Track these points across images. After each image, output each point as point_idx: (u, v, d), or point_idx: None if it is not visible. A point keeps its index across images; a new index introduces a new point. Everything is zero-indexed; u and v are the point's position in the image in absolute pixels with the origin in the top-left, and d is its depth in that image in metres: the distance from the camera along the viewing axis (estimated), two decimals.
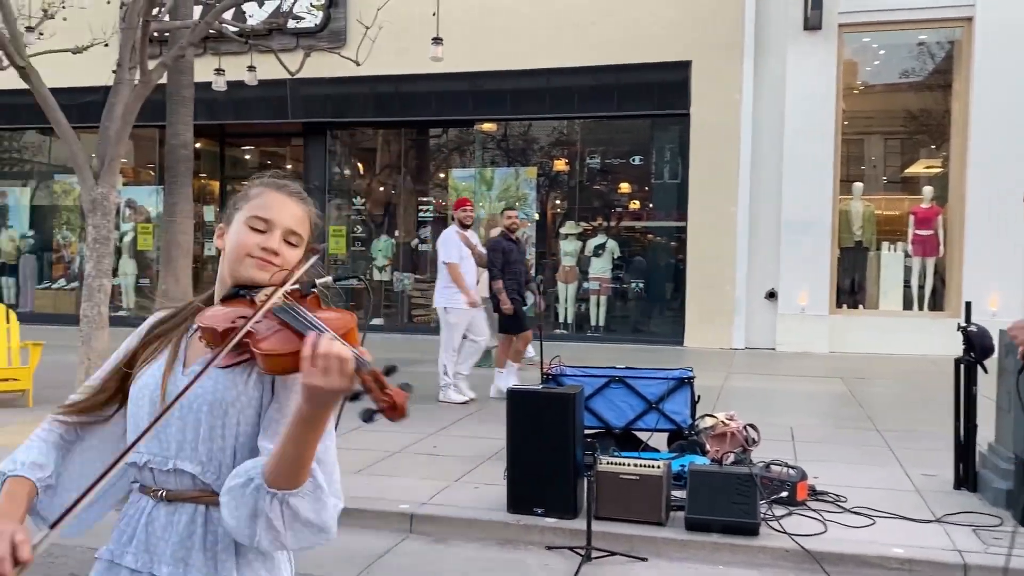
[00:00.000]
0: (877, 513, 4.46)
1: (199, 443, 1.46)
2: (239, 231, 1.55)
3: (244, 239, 1.54)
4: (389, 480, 5.07)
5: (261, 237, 1.54)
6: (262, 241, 1.54)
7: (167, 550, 1.47)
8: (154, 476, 1.48)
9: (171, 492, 1.48)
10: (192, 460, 1.47)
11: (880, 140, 14.46)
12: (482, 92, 13.58)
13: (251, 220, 1.55)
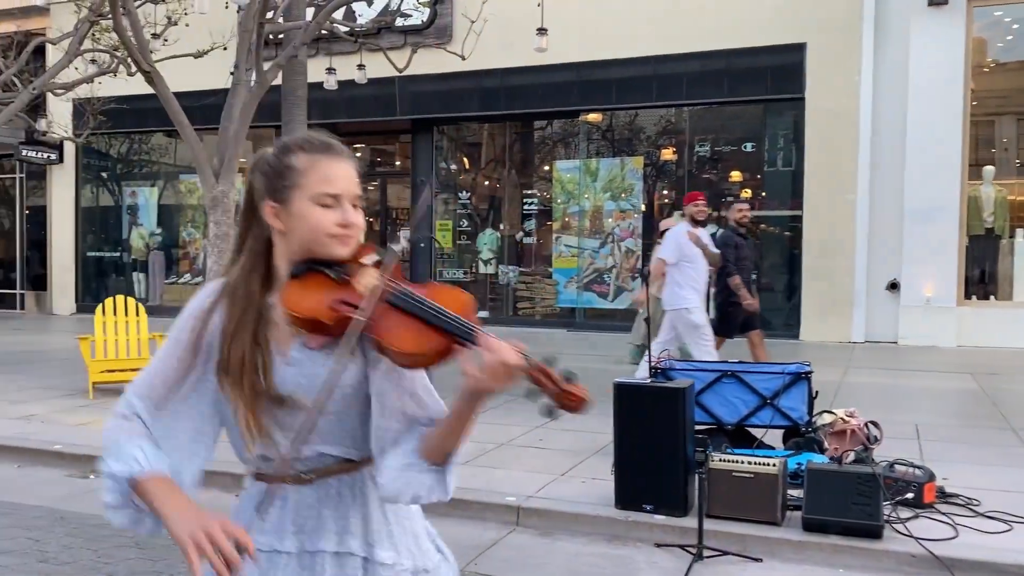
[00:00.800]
0: (1015, 518, 4.15)
1: (335, 426, 1.51)
2: (307, 211, 1.48)
3: (319, 219, 1.48)
4: (495, 472, 5.07)
5: (335, 214, 1.49)
6: (337, 218, 1.49)
7: (326, 523, 1.53)
8: (290, 463, 1.50)
9: (318, 470, 1.53)
10: (332, 443, 1.53)
11: (1013, 120, 13.52)
12: (587, 82, 13.47)
13: (319, 197, 1.48)
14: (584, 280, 13.97)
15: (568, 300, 14.12)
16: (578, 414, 1.39)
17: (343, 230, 1.49)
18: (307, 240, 1.50)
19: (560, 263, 14.17)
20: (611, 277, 13.87)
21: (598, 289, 13.94)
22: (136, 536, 4.23)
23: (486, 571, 3.84)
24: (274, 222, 1.51)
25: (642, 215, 13.77)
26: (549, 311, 14.38)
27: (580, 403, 1.38)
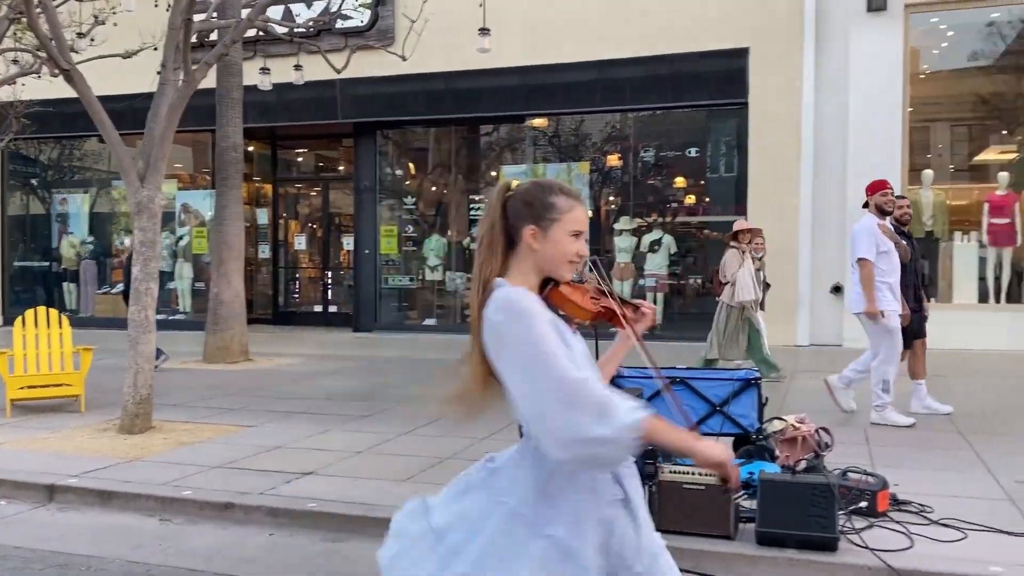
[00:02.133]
0: (969, 526, 4.07)
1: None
2: (562, 240, 1.97)
3: (568, 247, 1.97)
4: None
5: (578, 244, 1.99)
6: (579, 248, 2.00)
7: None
8: None
9: None
10: None
11: (948, 127, 13.77)
12: (533, 86, 13.33)
13: (574, 231, 1.98)
14: None
15: None
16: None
17: (578, 257, 2.01)
18: (554, 260, 1.98)
19: None
20: None
21: None
22: (50, 564, 3.90)
23: None
24: (531, 242, 1.97)
25: (589, 221, 13.65)
26: None
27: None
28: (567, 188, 2.02)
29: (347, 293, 15.68)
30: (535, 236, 1.95)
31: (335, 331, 14.56)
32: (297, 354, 11.11)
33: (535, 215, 1.96)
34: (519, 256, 1.97)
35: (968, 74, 12.82)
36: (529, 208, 1.97)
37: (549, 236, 1.95)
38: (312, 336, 13.89)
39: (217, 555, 4.11)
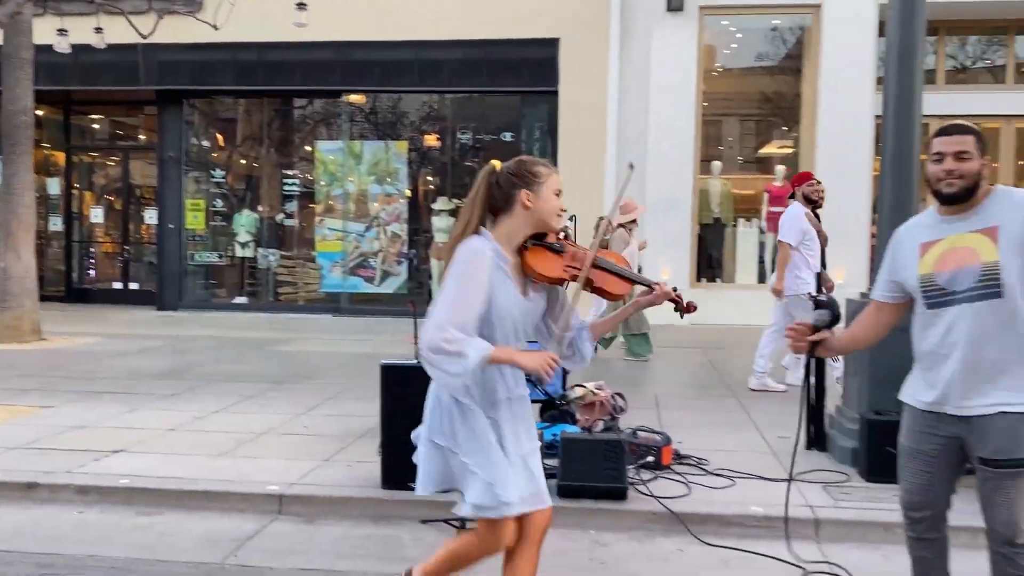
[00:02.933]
0: (737, 474, 4.69)
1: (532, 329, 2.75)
2: (549, 198, 2.62)
3: (555, 202, 2.64)
4: (256, 462, 4.90)
5: (560, 200, 2.66)
6: (560, 204, 2.66)
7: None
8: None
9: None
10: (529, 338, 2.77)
11: (737, 121, 15.07)
12: (350, 62, 13.26)
13: (556, 190, 2.65)
14: (350, 264, 13.80)
15: (333, 285, 13.87)
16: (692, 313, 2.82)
17: (562, 211, 2.67)
18: (546, 214, 2.62)
19: (324, 247, 13.88)
20: (377, 261, 13.81)
21: (364, 273, 13.83)
22: None
23: (246, 562, 3.70)
24: (527, 203, 2.59)
25: (407, 200, 13.82)
26: (313, 296, 14.06)
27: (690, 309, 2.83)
28: (542, 161, 2.68)
29: (149, 270, 14.93)
30: (529, 198, 2.58)
31: (136, 310, 13.85)
32: (96, 333, 10.53)
33: (526, 182, 2.59)
34: (513, 217, 2.60)
35: (753, 74, 14.10)
36: (520, 178, 2.60)
37: (540, 196, 2.59)
38: (111, 314, 13.15)
39: (21, 535, 3.98)
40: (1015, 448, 2.64)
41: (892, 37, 5.04)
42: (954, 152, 2.71)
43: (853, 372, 5.13)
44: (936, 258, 2.74)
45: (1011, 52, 13.08)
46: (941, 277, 2.71)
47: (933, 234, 2.79)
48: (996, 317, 2.66)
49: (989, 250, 2.67)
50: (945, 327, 2.71)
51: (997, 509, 2.70)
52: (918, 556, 2.94)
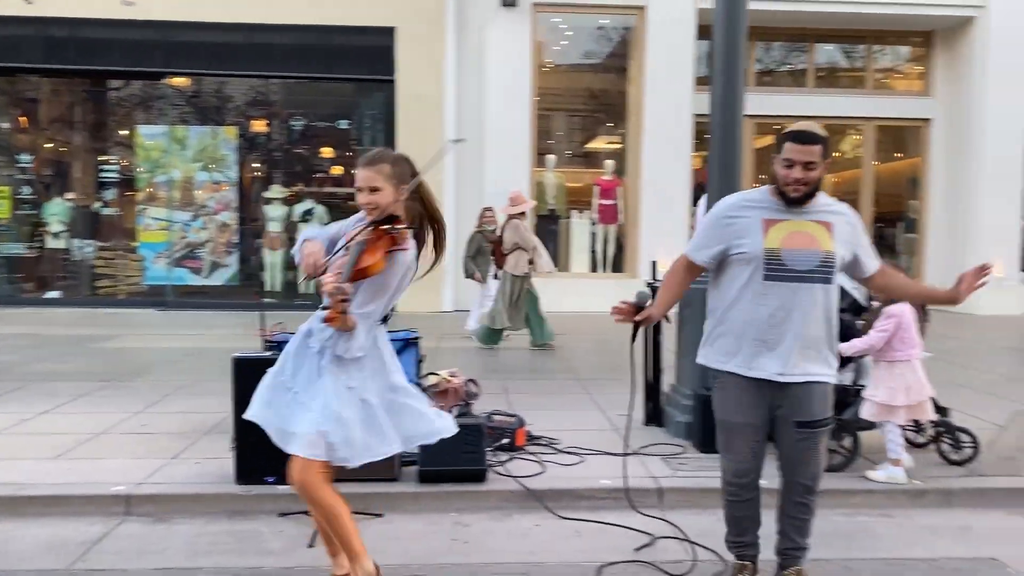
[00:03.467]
0: (585, 451, 4.95)
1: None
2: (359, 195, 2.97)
3: (360, 199, 2.96)
4: (97, 463, 4.64)
5: (360, 195, 2.96)
6: (360, 199, 2.96)
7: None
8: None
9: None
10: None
11: (567, 116, 15.59)
12: (174, 43, 12.60)
13: (357, 187, 2.96)
14: (175, 255, 13.14)
15: (157, 277, 13.17)
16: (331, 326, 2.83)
17: (365, 205, 2.95)
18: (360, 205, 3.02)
19: (147, 237, 13.15)
20: (205, 252, 13.24)
21: (191, 265, 13.22)
22: None
23: (95, 566, 3.53)
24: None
25: (237, 188, 13.33)
26: (135, 289, 13.28)
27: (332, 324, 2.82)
28: (365, 157, 2.99)
29: None
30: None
31: None
32: None
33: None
34: None
35: (583, 70, 14.63)
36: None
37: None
38: None
39: None
40: (824, 411, 3.12)
41: (718, 41, 5.45)
42: (803, 162, 3.03)
43: (684, 354, 5.52)
44: (782, 235, 3.06)
45: (811, 58, 14.36)
46: (786, 253, 3.03)
47: (775, 214, 3.10)
48: (823, 299, 3.03)
49: (827, 240, 3.05)
50: (779, 300, 3.04)
51: (807, 465, 3.12)
52: (741, 515, 3.29)
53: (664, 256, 12.15)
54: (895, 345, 4.44)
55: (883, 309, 4.50)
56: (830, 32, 14.16)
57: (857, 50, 14.62)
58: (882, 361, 4.51)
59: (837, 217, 3.13)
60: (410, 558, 3.66)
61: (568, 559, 3.65)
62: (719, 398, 3.25)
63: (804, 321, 3.04)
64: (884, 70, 14.83)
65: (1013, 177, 13.48)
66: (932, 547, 3.85)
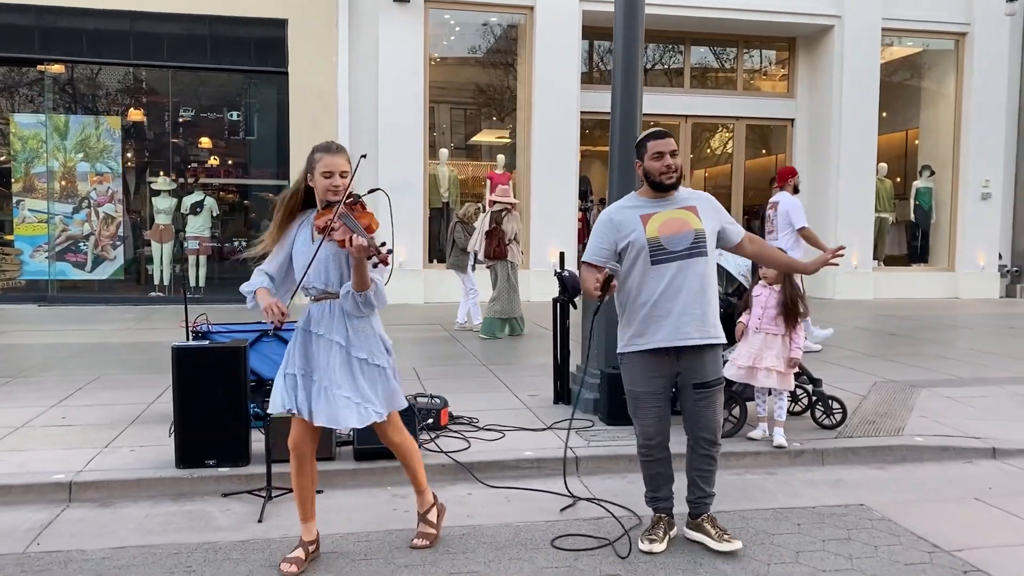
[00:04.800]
0: (504, 428, 5.35)
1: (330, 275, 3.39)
2: (318, 181, 3.31)
3: (321, 184, 3.30)
4: (27, 454, 4.68)
5: (330, 180, 3.29)
6: (331, 183, 3.29)
7: (333, 325, 3.41)
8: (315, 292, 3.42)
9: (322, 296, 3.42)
10: (329, 283, 3.40)
11: (459, 111, 15.91)
12: (51, 29, 12.15)
13: (323, 173, 3.30)
14: (56, 249, 12.68)
15: (36, 271, 12.67)
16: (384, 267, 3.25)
17: (333, 188, 3.30)
18: (319, 192, 3.34)
19: (24, 230, 12.63)
20: (88, 245, 12.84)
21: (73, 259, 12.79)
22: None
23: (51, 548, 3.65)
24: (309, 182, 3.37)
25: (122, 178, 12.98)
26: (12, 284, 12.74)
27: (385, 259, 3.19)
28: (323, 144, 3.36)
29: None
30: (310, 178, 3.35)
31: None
32: None
33: (309, 166, 3.35)
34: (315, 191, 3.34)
35: (474, 66, 14.98)
36: (307, 162, 3.36)
37: (314, 177, 3.32)
38: None
39: None
40: (717, 370, 3.68)
41: (618, 44, 5.95)
42: (670, 151, 3.66)
43: (590, 336, 5.99)
44: (658, 224, 3.64)
45: (687, 60, 15.24)
46: (664, 239, 3.61)
47: (649, 209, 3.68)
48: (702, 271, 3.56)
49: (695, 221, 3.65)
50: (667, 279, 3.60)
51: (708, 420, 3.68)
52: (655, 473, 3.79)
53: (555, 246, 12.71)
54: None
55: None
56: (704, 36, 15.08)
57: (729, 54, 15.61)
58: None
59: (699, 201, 3.74)
60: (356, 527, 3.95)
61: (503, 521, 4.04)
62: (627, 372, 3.72)
63: (690, 293, 3.57)
64: (752, 72, 15.90)
65: (868, 173, 14.78)
66: (811, 497, 4.45)
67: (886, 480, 4.79)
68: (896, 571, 3.50)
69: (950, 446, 5.19)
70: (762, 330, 4.99)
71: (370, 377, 3.42)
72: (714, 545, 3.64)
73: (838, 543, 3.80)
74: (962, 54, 15.21)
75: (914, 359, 8.23)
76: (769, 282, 5.03)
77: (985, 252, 15.25)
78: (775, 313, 4.97)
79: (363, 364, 3.40)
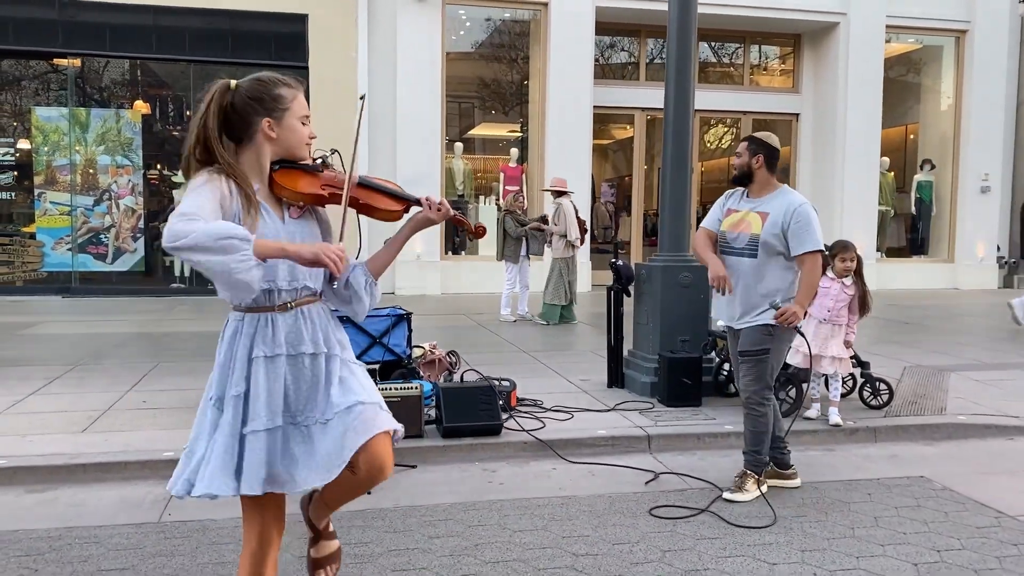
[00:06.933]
0: (570, 409, 5.61)
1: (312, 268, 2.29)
2: (295, 127, 2.31)
3: (301, 132, 2.33)
4: (126, 435, 4.89)
5: (308, 129, 2.36)
6: (309, 131, 2.36)
7: (306, 335, 2.31)
8: (280, 295, 2.30)
9: (298, 302, 2.33)
10: (312, 279, 2.37)
11: (473, 105, 16.13)
12: (75, 23, 12.24)
13: (301, 119, 2.33)
14: (78, 241, 12.80)
15: (58, 263, 12.79)
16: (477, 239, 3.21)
17: (311, 140, 2.37)
18: (292, 145, 2.33)
19: (46, 222, 12.73)
20: (109, 237, 12.96)
21: (95, 250, 12.91)
22: None
23: (182, 518, 3.87)
24: (269, 133, 2.28)
25: (143, 172, 13.10)
26: (34, 276, 12.83)
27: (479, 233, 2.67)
28: (286, 79, 2.32)
29: None
30: (272, 126, 2.26)
31: None
32: None
33: (267, 108, 2.25)
34: (255, 147, 2.26)
35: (489, 61, 15.19)
36: (260, 104, 2.24)
37: (284, 124, 2.27)
38: None
39: None
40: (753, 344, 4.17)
41: (671, 44, 6.22)
42: (735, 152, 4.31)
43: (645, 322, 6.27)
44: (731, 222, 4.22)
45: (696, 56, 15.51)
46: (730, 235, 4.21)
47: (736, 205, 4.26)
48: (753, 270, 4.11)
49: (758, 226, 4.12)
50: (731, 266, 4.19)
51: (744, 380, 4.19)
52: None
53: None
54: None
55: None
56: (712, 32, 15.37)
57: (736, 50, 15.93)
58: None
59: (780, 207, 4.12)
60: (460, 497, 4.21)
61: (595, 492, 4.30)
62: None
63: (743, 285, 4.15)
64: (758, 67, 16.23)
65: (871, 167, 15.16)
66: (873, 471, 4.75)
67: (937, 455, 5.10)
68: (970, 533, 3.80)
69: (991, 424, 5.52)
70: (830, 321, 5.29)
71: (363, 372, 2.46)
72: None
73: (910, 510, 4.10)
74: (962, 50, 15.62)
75: (933, 345, 8.58)
76: (839, 276, 5.31)
77: (984, 244, 15.69)
78: (845, 306, 5.26)
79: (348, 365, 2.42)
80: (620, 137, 17.54)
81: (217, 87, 2.27)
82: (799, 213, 4.04)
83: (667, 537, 3.71)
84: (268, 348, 2.27)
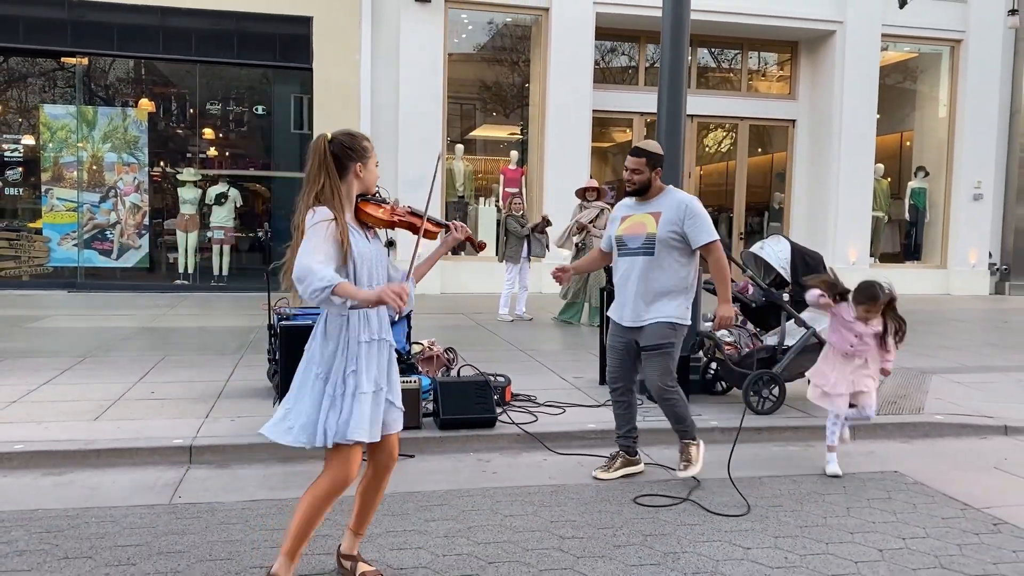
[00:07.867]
0: (562, 404, 5.84)
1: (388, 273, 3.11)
2: (373, 170, 3.07)
3: (375, 174, 3.09)
4: (139, 423, 5.12)
5: (377, 171, 3.12)
6: (378, 173, 3.12)
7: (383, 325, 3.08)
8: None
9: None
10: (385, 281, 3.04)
11: (474, 108, 16.36)
12: (83, 23, 12.47)
13: (376, 162, 3.09)
14: (84, 237, 13.02)
15: (64, 259, 13.01)
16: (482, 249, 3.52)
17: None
18: (370, 184, 3.08)
19: (52, 218, 12.95)
20: (115, 234, 13.19)
21: (100, 246, 13.13)
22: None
23: (192, 500, 4.09)
24: (359, 173, 3.02)
25: (148, 170, 13.33)
26: (40, 271, 13.06)
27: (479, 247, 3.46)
28: (365, 136, 3.06)
29: None
30: (360, 169, 2.99)
31: None
32: None
33: (358, 155, 2.99)
34: (347, 183, 2.97)
35: (490, 64, 15.43)
36: (354, 152, 2.98)
37: (367, 167, 3.02)
38: None
39: None
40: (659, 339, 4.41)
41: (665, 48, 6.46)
42: (632, 168, 4.53)
43: None
44: (626, 227, 4.54)
45: (694, 61, 15.77)
46: (627, 237, 4.51)
47: (629, 212, 4.59)
48: (650, 266, 4.40)
49: (653, 225, 4.44)
50: (624, 269, 4.50)
51: (651, 375, 4.44)
52: (619, 413, 4.66)
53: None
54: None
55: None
56: (710, 38, 15.61)
57: (735, 56, 16.16)
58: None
59: (670, 205, 4.43)
60: (455, 485, 4.43)
61: (582, 482, 4.53)
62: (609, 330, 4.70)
63: (640, 282, 4.42)
64: (756, 74, 16.46)
65: (866, 173, 15.39)
66: (850, 465, 4.98)
67: (912, 451, 5.33)
68: (935, 523, 4.03)
69: (967, 423, 5.74)
70: (858, 354, 4.82)
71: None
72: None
73: (881, 501, 4.33)
74: (956, 60, 15.86)
75: (920, 349, 8.80)
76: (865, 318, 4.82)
77: (976, 251, 15.92)
78: (872, 337, 4.80)
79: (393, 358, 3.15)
80: (619, 140, 17.78)
81: (320, 142, 2.96)
82: (691, 209, 4.41)
83: (649, 523, 3.94)
84: (367, 335, 2.99)
